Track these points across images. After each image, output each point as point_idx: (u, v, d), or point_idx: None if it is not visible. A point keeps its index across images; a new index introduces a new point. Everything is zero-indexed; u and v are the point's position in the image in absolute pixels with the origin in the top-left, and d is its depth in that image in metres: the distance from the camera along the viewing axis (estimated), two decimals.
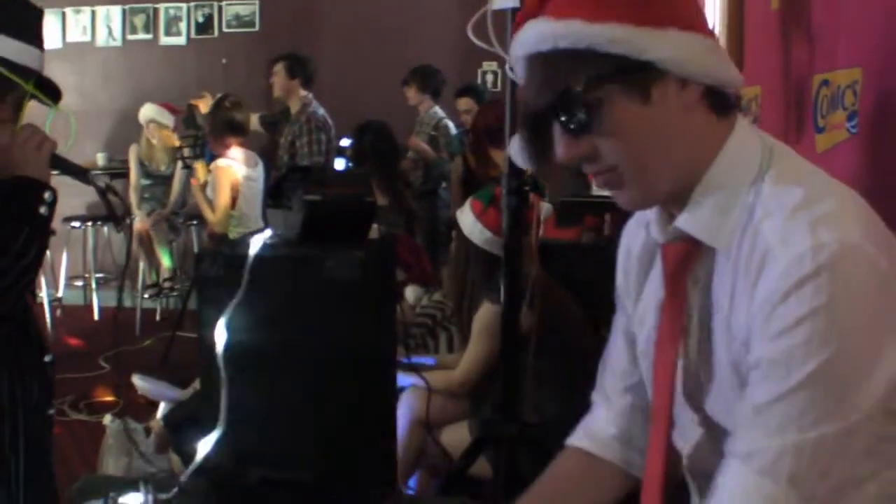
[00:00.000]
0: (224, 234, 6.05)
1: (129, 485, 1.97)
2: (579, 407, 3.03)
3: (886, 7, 2.02)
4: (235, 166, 6.12)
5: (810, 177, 1.35)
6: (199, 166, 6.54)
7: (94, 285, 8.23)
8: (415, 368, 3.00)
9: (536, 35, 1.33)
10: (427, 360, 3.67)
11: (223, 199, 6.03)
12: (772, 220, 1.28)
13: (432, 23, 8.04)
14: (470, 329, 3.33)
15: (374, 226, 2.38)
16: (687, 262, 1.42)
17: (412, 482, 3.50)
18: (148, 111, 7.76)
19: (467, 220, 3.35)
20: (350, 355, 2.16)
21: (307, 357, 2.15)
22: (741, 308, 1.31)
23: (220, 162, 6.15)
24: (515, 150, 1.46)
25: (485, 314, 3.23)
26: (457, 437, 3.22)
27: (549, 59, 1.32)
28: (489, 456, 2.80)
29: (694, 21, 1.35)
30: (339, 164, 6.67)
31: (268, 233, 2.30)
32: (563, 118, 1.31)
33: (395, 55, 7.92)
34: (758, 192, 1.33)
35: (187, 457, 2.11)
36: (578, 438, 1.79)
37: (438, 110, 7.50)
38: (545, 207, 2.76)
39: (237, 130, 6.24)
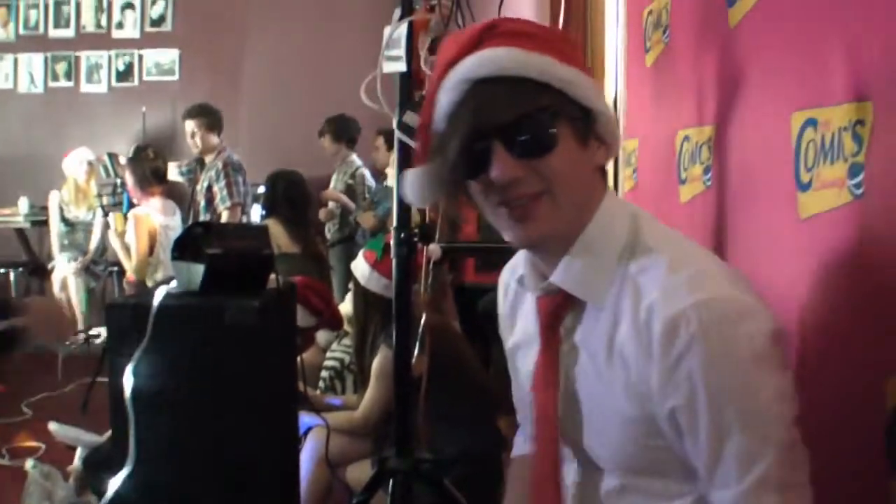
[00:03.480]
0: (142, 280, 6.15)
1: None
2: (472, 442, 3.22)
3: (736, 70, 2.23)
4: (153, 215, 6.23)
5: (676, 243, 1.46)
6: (116, 216, 6.62)
7: None
8: (316, 409, 3.16)
9: (505, 58, 1.38)
10: (334, 400, 3.80)
11: (141, 246, 6.14)
12: (648, 275, 1.38)
13: (351, 72, 8.12)
14: (369, 372, 3.46)
15: (274, 275, 2.54)
16: (559, 312, 1.52)
17: None
18: (84, 154, 7.84)
19: (363, 269, 3.50)
20: (251, 398, 2.31)
21: (210, 400, 2.30)
22: (632, 354, 1.38)
23: (138, 211, 6.26)
24: (412, 183, 1.52)
25: (382, 359, 3.36)
26: (362, 474, 3.33)
27: (519, 82, 1.38)
28: (387, 490, 2.94)
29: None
30: (257, 211, 6.81)
31: (174, 283, 2.46)
32: (520, 137, 1.38)
33: (315, 104, 7.86)
34: (632, 253, 1.44)
35: (103, 496, 2.26)
36: (519, 448, 1.91)
37: (355, 159, 7.48)
38: (434, 251, 2.90)
39: (161, 179, 6.41)
